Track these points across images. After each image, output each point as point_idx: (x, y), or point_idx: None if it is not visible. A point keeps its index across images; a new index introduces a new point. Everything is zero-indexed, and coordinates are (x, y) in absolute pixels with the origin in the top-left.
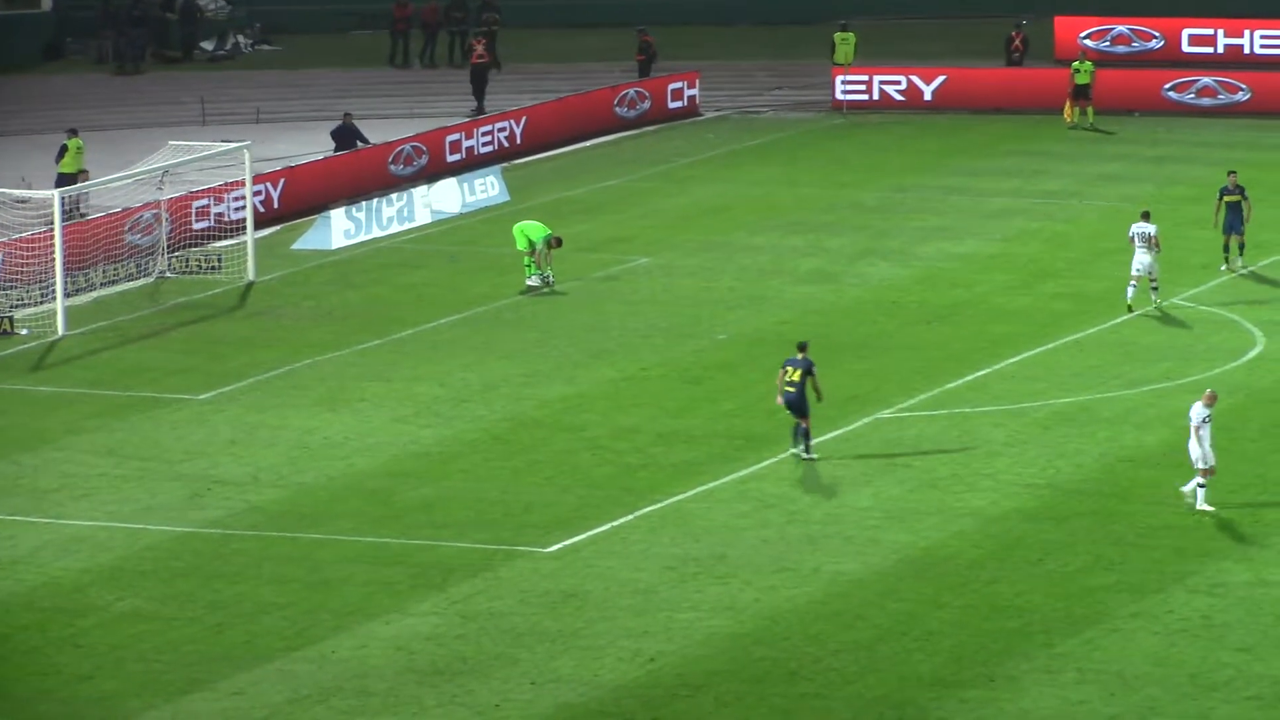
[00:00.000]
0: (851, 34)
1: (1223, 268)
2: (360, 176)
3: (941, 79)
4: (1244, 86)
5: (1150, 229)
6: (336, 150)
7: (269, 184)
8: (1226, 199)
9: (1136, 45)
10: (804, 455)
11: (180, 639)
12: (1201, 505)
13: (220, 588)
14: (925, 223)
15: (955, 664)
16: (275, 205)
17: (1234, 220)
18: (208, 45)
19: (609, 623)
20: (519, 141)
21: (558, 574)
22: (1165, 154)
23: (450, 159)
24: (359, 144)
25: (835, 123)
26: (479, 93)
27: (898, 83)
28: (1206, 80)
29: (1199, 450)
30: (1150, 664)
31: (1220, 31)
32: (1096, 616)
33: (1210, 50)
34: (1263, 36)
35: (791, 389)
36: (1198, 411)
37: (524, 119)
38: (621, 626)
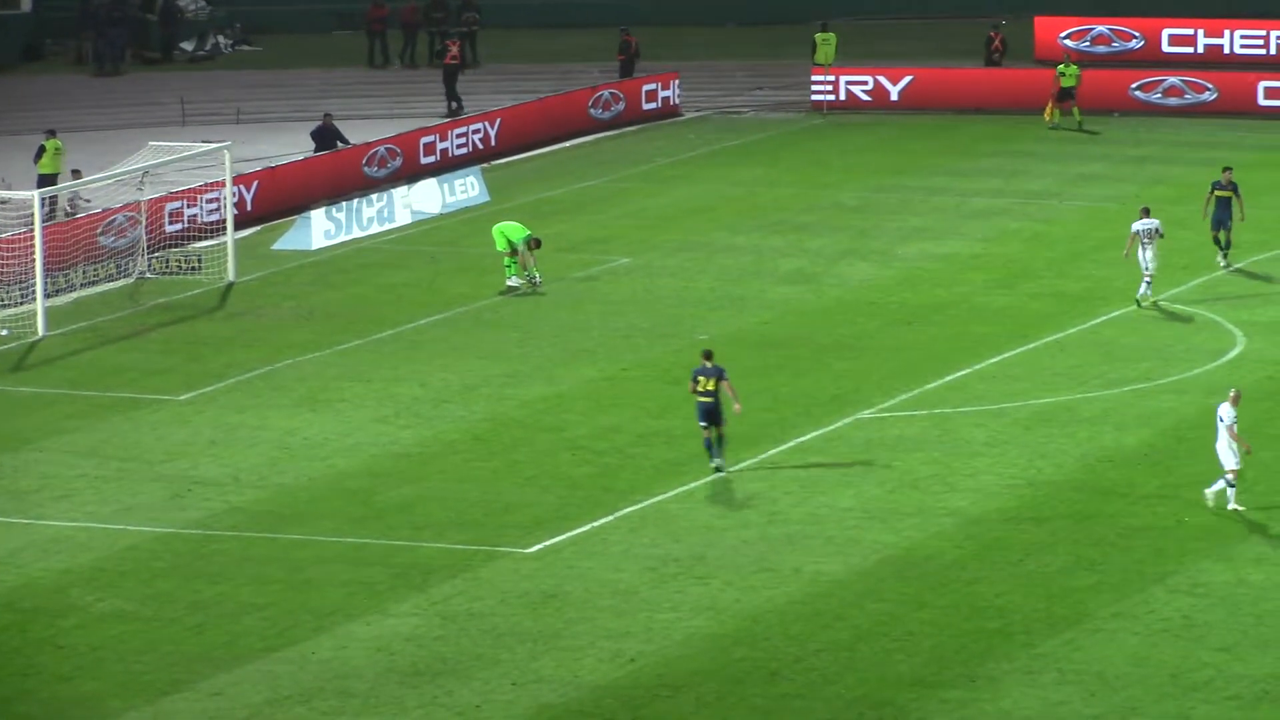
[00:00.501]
0: (832, 34)
1: (1220, 260)
2: (335, 179)
3: (908, 79)
4: (1210, 86)
5: (1154, 224)
6: (317, 151)
7: (242, 187)
8: (1218, 194)
9: (1116, 45)
10: (717, 464)
11: (161, 639)
12: (1232, 505)
13: (201, 588)
14: (906, 223)
15: (936, 664)
16: (249, 208)
17: (1224, 215)
18: (187, 46)
19: (589, 623)
20: (493, 144)
21: (538, 574)
22: (1146, 154)
23: (425, 161)
24: (339, 144)
25: (816, 123)
26: (453, 93)
27: (864, 83)
28: (1173, 80)
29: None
30: (1131, 664)
31: (1200, 31)
32: (1077, 617)
33: (1190, 50)
34: (1243, 36)
35: (708, 399)
36: (1228, 413)
37: (498, 120)
38: (602, 627)
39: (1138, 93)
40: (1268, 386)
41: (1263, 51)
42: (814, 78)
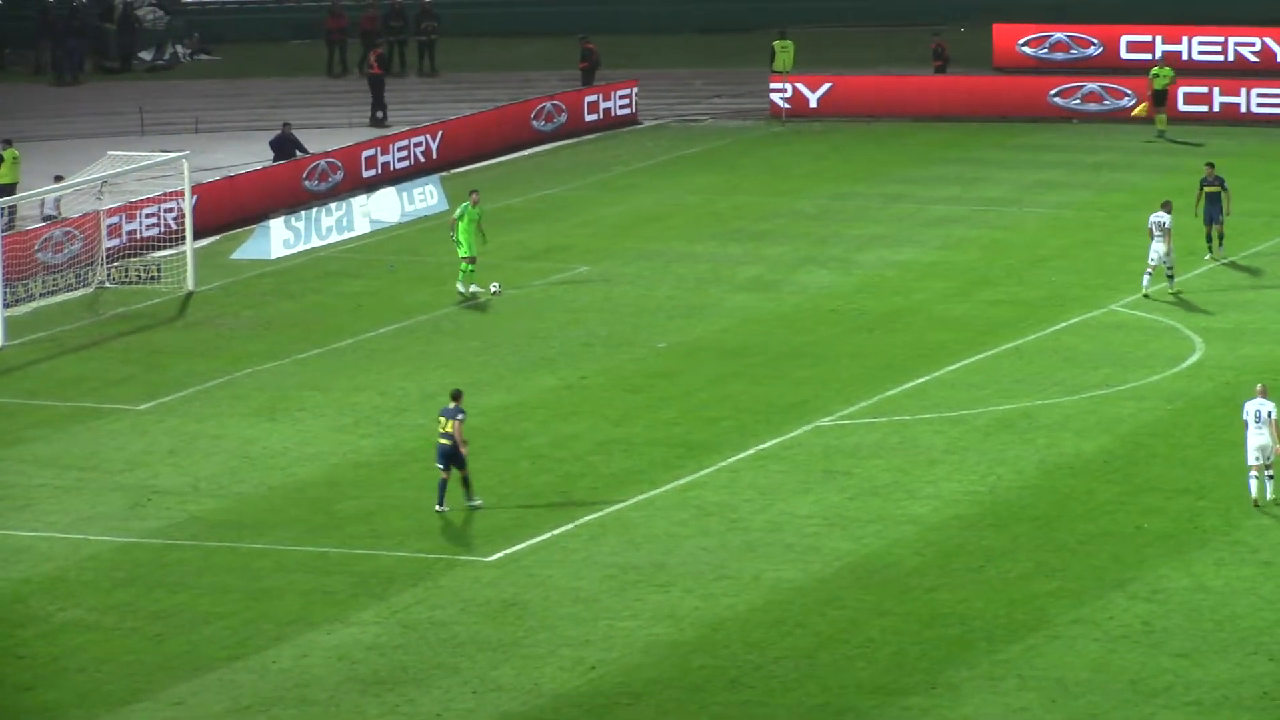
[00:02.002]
0: (790, 42)
1: (1207, 257)
2: (275, 193)
3: (827, 86)
4: (1129, 92)
5: (1164, 218)
6: (275, 160)
7: (179, 202)
8: (1206, 189)
9: (1075, 52)
10: (471, 504)
11: (121, 649)
12: (1268, 495)
13: (161, 598)
14: (864, 230)
15: (896, 671)
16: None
17: (1214, 211)
18: (146, 55)
19: (550, 631)
20: (435, 156)
21: (498, 583)
22: (1103, 161)
23: (366, 174)
24: (298, 154)
25: (774, 130)
26: (379, 101)
27: (782, 90)
28: (1092, 86)
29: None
30: (1091, 670)
31: (1159, 38)
32: (1037, 623)
33: (1149, 57)
34: (1200, 42)
35: (446, 440)
36: (1274, 409)
37: (440, 133)
38: (562, 635)
39: (1057, 99)
40: (1224, 393)
41: (1220, 58)
42: (773, 85)
